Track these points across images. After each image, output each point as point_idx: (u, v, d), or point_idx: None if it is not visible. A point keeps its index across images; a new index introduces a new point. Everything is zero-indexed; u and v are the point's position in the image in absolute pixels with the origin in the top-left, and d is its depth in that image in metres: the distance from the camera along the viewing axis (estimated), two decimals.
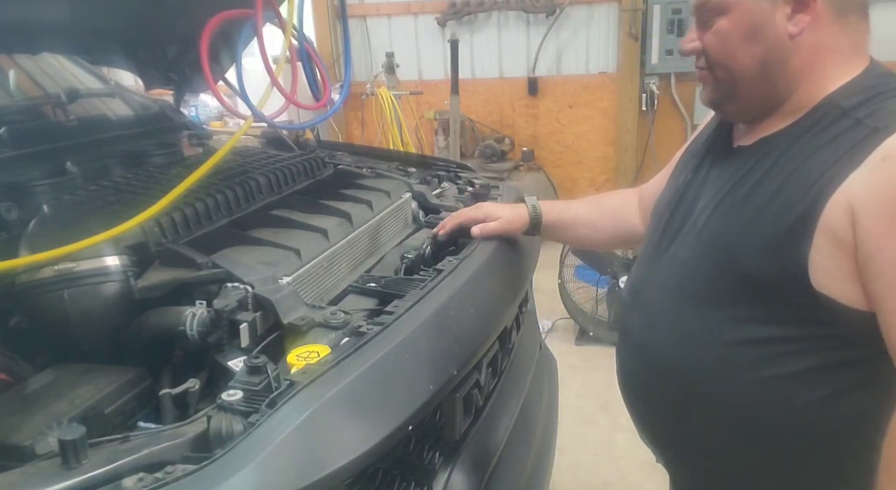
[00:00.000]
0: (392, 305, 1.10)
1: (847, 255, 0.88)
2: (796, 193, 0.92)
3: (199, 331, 1.02)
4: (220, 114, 4.49)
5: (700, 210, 1.08)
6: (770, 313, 0.97)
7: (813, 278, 0.91)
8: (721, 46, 1.00)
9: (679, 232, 1.12)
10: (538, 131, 5.29)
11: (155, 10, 1.62)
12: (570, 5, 4.87)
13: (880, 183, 0.85)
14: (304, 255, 1.22)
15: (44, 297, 1.08)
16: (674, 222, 1.14)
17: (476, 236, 1.38)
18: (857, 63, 0.98)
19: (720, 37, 1.00)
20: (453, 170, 2.03)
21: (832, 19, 0.96)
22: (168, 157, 1.67)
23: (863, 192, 0.86)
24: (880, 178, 0.85)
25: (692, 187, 1.14)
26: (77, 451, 0.72)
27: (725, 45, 1.00)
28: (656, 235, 1.18)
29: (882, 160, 0.85)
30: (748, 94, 1.02)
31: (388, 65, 4.89)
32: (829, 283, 0.90)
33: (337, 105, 2.18)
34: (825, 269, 0.90)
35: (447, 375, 1.06)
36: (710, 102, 1.08)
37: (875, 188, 0.85)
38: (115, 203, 1.28)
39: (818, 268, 0.90)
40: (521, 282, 1.54)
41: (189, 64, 1.89)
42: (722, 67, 1.02)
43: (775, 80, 0.99)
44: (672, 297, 1.09)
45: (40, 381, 0.98)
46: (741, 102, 1.04)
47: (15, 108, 1.61)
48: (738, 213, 1.00)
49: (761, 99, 1.02)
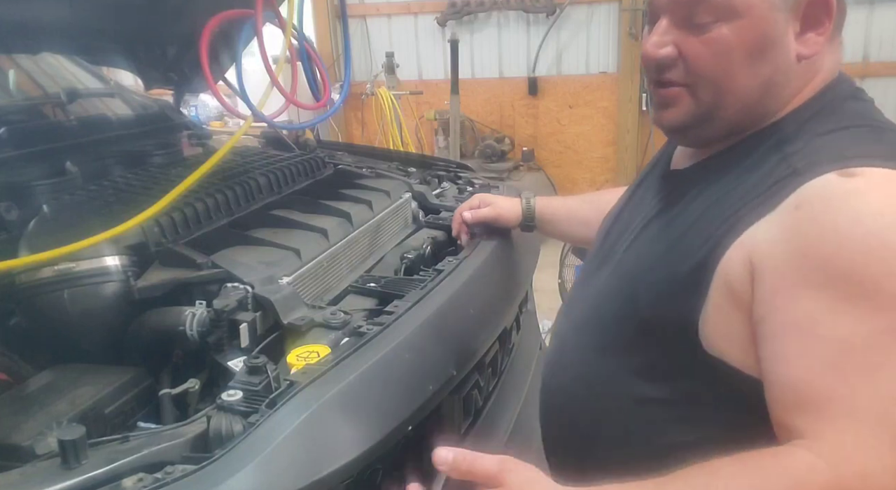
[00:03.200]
0: (392, 305, 1.10)
1: (742, 313, 0.75)
2: (703, 233, 0.80)
3: (198, 331, 1.02)
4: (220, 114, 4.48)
5: (625, 238, 0.96)
6: (667, 370, 0.84)
7: (704, 336, 0.78)
8: (717, 61, 0.80)
9: (605, 259, 0.99)
10: (538, 131, 5.29)
11: (155, 10, 1.61)
12: (570, 5, 4.87)
13: (788, 235, 0.72)
14: (304, 255, 1.21)
15: (44, 297, 1.08)
16: (604, 248, 1.02)
17: (467, 221, 1.41)
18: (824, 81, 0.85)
19: (718, 49, 0.80)
20: (453, 170, 2.03)
21: (832, 38, 0.83)
22: (168, 157, 1.67)
23: (767, 244, 0.73)
24: (789, 229, 0.72)
25: (626, 210, 1.03)
26: (77, 452, 0.72)
27: (724, 59, 0.80)
28: (591, 257, 1.06)
29: (795, 209, 0.73)
30: (731, 120, 0.84)
31: (388, 65, 4.89)
32: (722, 343, 0.77)
33: (337, 105, 2.18)
34: (717, 328, 0.77)
35: (447, 375, 1.06)
36: (676, 127, 0.87)
37: (781, 240, 0.73)
38: (114, 203, 1.28)
39: (710, 325, 0.77)
40: (521, 282, 1.54)
41: (189, 64, 1.88)
42: (710, 86, 0.82)
43: (765, 107, 0.83)
44: (580, 333, 0.97)
45: (40, 381, 0.98)
46: (716, 129, 0.85)
47: (15, 108, 1.61)
48: (651, 248, 0.89)
49: (739, 126, 0.85)
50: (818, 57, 0.82)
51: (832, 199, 0.71)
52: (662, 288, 0.82)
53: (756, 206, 0.76)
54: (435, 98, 5.15)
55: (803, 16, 0.80)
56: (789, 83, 0.82)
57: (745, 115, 0.83)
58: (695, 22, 0.80)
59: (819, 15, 0.80)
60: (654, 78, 0.87)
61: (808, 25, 0.80)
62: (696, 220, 0.82)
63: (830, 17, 0.80)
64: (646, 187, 1.01)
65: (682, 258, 0.80)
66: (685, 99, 0.84)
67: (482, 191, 1.79)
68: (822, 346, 0.69)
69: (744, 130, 0.85)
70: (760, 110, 0.83)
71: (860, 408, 0.66)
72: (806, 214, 0.72)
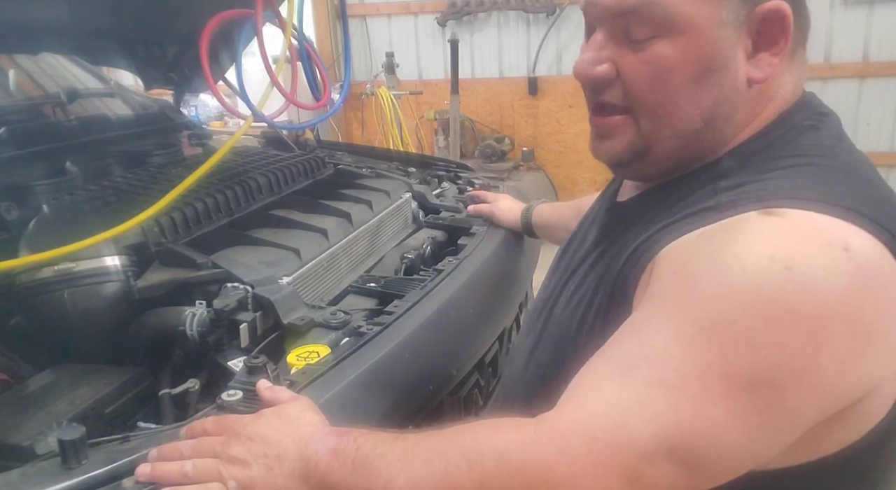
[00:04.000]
0: (392, 305, 1.10)
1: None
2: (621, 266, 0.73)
3: (198, 331, 1.02)
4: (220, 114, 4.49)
5: (564, 277, 0.88)
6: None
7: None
8: (654, 83, 0.71)
9: (549, 297, 0.91)
10: (538, 131, 5.28)
11: (155, 9, 1.61)
12: (570, 5, 4.87)
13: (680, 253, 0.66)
14: (304, 255, 1.21)
15: (44, 297, 1.08)
16: (550, 283, 0.94)
17: (469, 211, 1.58)
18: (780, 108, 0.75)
19: (658, 68, 0.70)
20: (453, 170, 2.03)
21: (790, 57, 0.73)
22: (168, 157, 1.67)
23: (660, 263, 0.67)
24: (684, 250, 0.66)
25: (574, 242, 0.95)
26: (77, 452, 0.72)
27: (664, 80, 0.70)
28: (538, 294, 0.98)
29: (698, 236, 0.66)
30: (672, 152, 0.74)
31: (388, 65, 4.88)
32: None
33: (337, 105, 2.18)
34: None
35: (447, 375, 1.06)
36: (616, 160, 0.78)
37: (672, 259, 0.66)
38: (114, 203, 1.27)
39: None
40: (521, 282, 1.54)
41: (189, 64, 1.88)
42: (650, 114, 0.73)
43: (709, 138, 0.73)
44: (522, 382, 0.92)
45: (40, 381, 0.98)
46: (657, 162, 0.76)
47: (15, 108, 1.61)
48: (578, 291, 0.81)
49: (683, 158, 0.75)
50: (773, 80, 0.73)
51: (737, 231, 0.63)
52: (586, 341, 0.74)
53: (668, 232, 0.69)
54: (435, 98, 5.14)
55: (756, 33, 0.70)
56: (736, 112, 0.73)
57: (684, 149, 0.74)
58: (629, 34, 0.71)
59: (773, 33, 0.70)
60: (590, 100, 0.77)
61: (761, 44, 0.71)
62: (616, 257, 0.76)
63: (787, 36, 0.70)
64: (592, 219, 0.94)
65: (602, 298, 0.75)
66: (628, 129, 0.75)
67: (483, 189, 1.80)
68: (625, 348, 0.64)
69: (687, 166, 0.76)
70: (703, 144, 0.74)
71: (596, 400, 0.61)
72: (703, 238, 0.65)
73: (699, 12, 0.68)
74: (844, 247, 0.59)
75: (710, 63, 0.70)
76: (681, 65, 0.69)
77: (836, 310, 0.58)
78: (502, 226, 1.53)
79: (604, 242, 0.83)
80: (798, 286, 0.57)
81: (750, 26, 0.70)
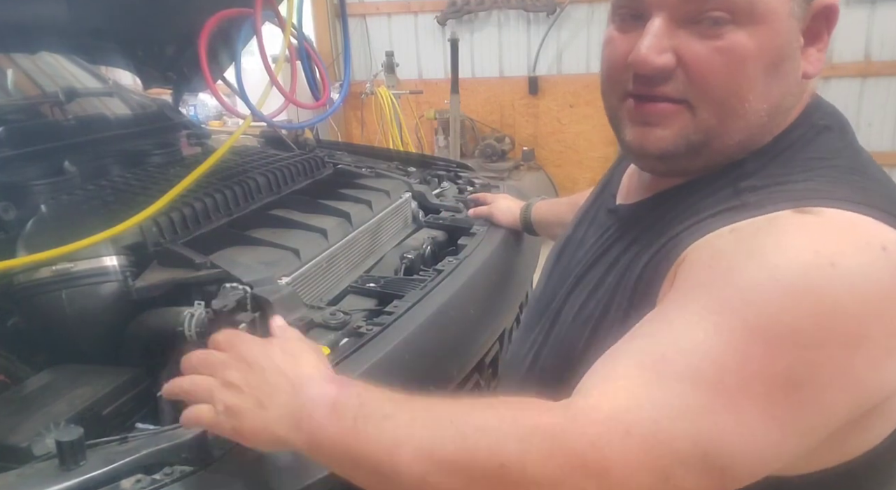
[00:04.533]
0: (392, 306, 1.09)
1: None
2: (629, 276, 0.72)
3: (197, 331, 1.01)
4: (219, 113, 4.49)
5: (565, 288, 0.86)
6: None
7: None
8: (730, 74, 0.67)
9: (553, 300, 0.88)
10: (538, 131, 5.28)
11: (153, 9, 1.61)
12: (570, 4, 4.86)
13: (711, 249, 0.64)
14: (303, 255, 1.21)
15: (41, 297, 1.07)
16: (549, 283, 0.92)
17: (469, 214, 1.58)
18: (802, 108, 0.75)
19: (734, 57, 0.66)
20: (453, 169, 2.03)
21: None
22: (166, 157, 1.67)
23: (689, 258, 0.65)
24: (715, 246, 0.64)
25: (571, 243, 0.92)
26: (75, 453, 0.71)
27: (740, 72, 0.67)
28: (532, 300, 0.96)
29: (730, 232, 0.64)
30: (726, 149, 0.71)
31: (388, 64, 4.88)
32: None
33: (336, 104, 2.18)
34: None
35: (447, 376, 1.06)
36: (668, 152, 0.72)
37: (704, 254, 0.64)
38: (113, 203, 1.27)
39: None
40: (521, 282, 1.54)
41: (188, 63, 1.88)
42: (716, 106, 0.69)
43: (765, 135, 0.72)
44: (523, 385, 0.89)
45: (38, 381, 0.98)
46: (709, 159, 0.72)
47: (13, 108, 1.61)
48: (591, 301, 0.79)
49: (732, 156, 0.72)
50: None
51: (774, 226, 0.62)
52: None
53: (694, 232, 0.67)
54: (435, 97, 5.14)
55: (806, 28, 0.69)
56: (793, 106, 0.72)
57: (741, 145, 0.71)
58: (704, 23, 0.66)
59: (820, 29, 0.70)
60: (638, 91, 0.71)
61: (809, 39, 0.70)
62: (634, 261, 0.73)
63: (830, 32, 0.70)
64: (590, 221, 0.91)
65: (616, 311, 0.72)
66: (682, 118, 0.70)
67: (482, 190, 1.79)
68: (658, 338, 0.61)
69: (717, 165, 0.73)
70: (758, 139, 0.72)
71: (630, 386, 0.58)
72: (739, 236, 0.63)
73: (777, 2, 0.66)
74: (882, 245, 0.59)
75: (782, 54, 0.68)
76: (757, 54, 0.66)
77: (878, 307, 0.57)
78: (502, 225, 1.53)
79: (616, 247, 0.79)
80: (843, 282, 0.57)
81: (804, 20, 0.69)
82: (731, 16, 0.66)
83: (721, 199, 0.69)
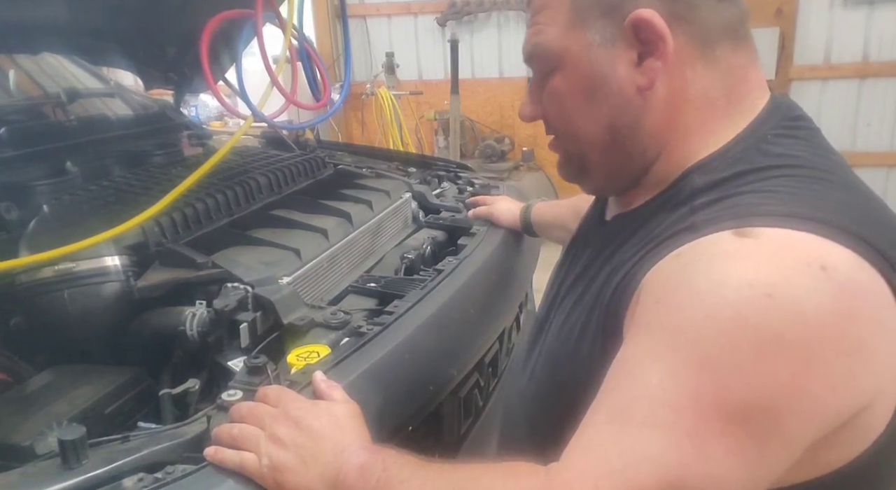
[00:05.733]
0: (392, 305, 1.10)
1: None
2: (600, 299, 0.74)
3: (198, 331, 1.02)
4: (220, 114, 4.49)
5: (561, 298, 0.88)
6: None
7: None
8: (559, 111, 0.79)
9: (547, 315, 0.91)
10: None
11: (155, 9, 1.61)
12: None
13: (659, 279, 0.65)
14: (304, 255, 1.21)
15: (44, 297, 1.08)
16: (548, 297, 0.94)
17: (469, 216, 1.59)
18: (740, 111, 0.74)
19: (556, 98, 0.79)
20: (453, 170, 2.03)
21: (695, 58, 0.72)
22: (168, 157, 1.67)
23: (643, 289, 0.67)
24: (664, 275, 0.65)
25: (567, 259, 0.94)
26: (77, 452, 0.72)
27: (563, 108, 0.79)
28: (535, 317, 0.99)
29: (676, 257, 0.65)
30: (603, 167, 0.80)
31: (388, 65, 4.89)
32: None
33: (337, 105, 2.18)
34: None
35: (447, 375, 1.06)
36: (567, 178, 0.86)
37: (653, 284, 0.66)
38: (115, 203, 1.28)
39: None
40: (522, 282, 1.54)
41: (189, 64, 1.88)
42: (566, 136, 0.82)
43: (628, 148, 0.77)
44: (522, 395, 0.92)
45: (40, 381, 0.98)
46: (598, 177, 0.83)
47: (15, 108, 1.61)
48: (570, 318, 0.81)
49: (619, 171, 0.80)
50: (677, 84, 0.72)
51: (711, 257, 0.62)
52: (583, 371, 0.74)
53: (651, 257, 0.68)
54: (435, 98, 5.14)
55: (639, 42, 0.72)
56: (641, 119, 0.74)
57: (613, 159, 0.78)
58: (540, 77, 0.80)
59: (652, 39, 0.71)
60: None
61: (646, 52, 0.72)
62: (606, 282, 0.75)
63: (664, 39, 0.70)
64: (585, 238, 0.93)
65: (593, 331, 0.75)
66: (559, 151, 0.85)
67: (482, 191, 1.80)
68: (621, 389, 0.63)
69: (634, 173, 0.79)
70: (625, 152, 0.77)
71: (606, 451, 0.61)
72: (681, 263, 0.64)
73: (570, 43, 0.75)
74: (822, 265, 0.58)
75: (591, 83, 0.75)
76: (570, 91, 0.77)
77: (822, 331, 0.57)
78: (502, 226, 1.53)
79: (593, 267, 0.82)
80: (781, 312, 0.57)
81: (627, 39, 0.72)
82: (547, 67, 0.78)
83: (677, 219, 0.71)
